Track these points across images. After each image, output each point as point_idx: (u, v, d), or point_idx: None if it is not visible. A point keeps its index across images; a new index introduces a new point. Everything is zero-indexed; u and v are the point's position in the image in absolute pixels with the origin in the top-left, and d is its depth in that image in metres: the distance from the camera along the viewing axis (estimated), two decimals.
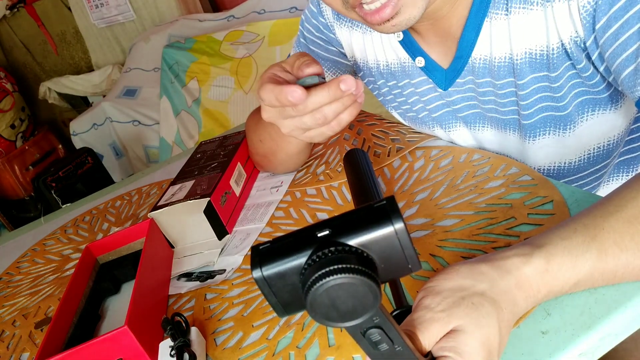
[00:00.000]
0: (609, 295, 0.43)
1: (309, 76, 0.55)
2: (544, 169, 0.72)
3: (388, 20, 0.55)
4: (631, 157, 0.74)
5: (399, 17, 0.55)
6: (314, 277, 0.29)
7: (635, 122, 0.69)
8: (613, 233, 0.41)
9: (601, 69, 0.56)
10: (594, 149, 0.67)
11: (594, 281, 0.42)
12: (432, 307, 0.39)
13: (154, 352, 0.56)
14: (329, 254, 0.30)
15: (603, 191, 0.77)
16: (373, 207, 0.32)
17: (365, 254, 0.31)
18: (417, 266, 0.32)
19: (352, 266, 0.29)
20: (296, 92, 0.50)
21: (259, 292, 0.62)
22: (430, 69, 0.69)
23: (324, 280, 0.28)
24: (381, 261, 0.31)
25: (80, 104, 3.29)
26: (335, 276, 0.28)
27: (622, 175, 0.76)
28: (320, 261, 0.30)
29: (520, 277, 0.40)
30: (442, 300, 0.39)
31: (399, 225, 0.31)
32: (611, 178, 0.76)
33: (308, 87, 0.52)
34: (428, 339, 0.37)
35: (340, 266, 0.29)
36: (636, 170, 0.76)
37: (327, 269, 0.29)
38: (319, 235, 0.31)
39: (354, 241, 0.31)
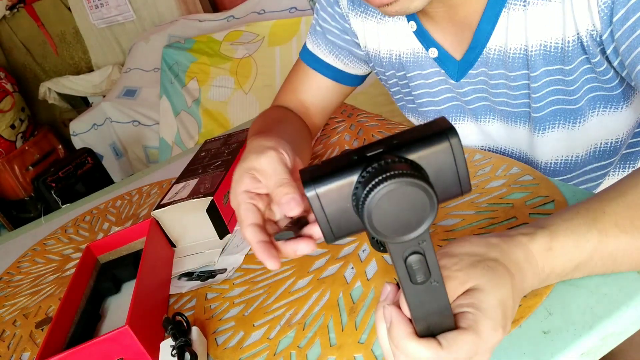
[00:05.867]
0: (610, 294, 0.43)
1: (286, 231, 0.45)
2: (550, 163, 0.72)
3: (387, 5, 0.56)
4: (636, 150, 0.74)
5: (395, 5, 0.56)
6: (371, 185, 0.28)
7: None
8: (614, 216, 0.42)
9: (615, 63, 0.56)
10: (601, 144, 0.68)
11: (594, 265, 0.43)
12: (448, 267, 0.39)
13: (155, 352, 0.56)
14: (384, 165, 0.29)
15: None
16: (428, 124, 0.31)
17: (419, 167, 0.30)
18: (467, 186, 0.32)
19: (409, 171, 0.28)
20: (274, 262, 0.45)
21: (260, 291, 0.62)
22: (443, 59, 0.69)
23: (381, 186, 0.28)
24: (434, 178, 0.31)
25: (80, 104, 3.29)
26: (392, 180, 0.28)
27: (628, 170, 0.76)
28: (375, 171, 0.29)
29: (527, 252, 0.41)
30: (458, 261, 0.39)
31: (455, 139, 0.30)
32: (616, 172, 0.76)
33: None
34: None
35: (396, 172, 0.28)
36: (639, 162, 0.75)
37: (384, 175, 0.28)
38: (369, 155, 0.31)
39: (408, 156, 0.30)
